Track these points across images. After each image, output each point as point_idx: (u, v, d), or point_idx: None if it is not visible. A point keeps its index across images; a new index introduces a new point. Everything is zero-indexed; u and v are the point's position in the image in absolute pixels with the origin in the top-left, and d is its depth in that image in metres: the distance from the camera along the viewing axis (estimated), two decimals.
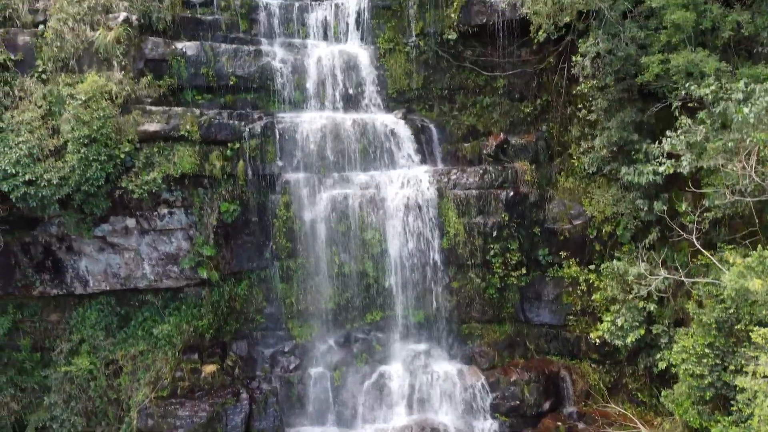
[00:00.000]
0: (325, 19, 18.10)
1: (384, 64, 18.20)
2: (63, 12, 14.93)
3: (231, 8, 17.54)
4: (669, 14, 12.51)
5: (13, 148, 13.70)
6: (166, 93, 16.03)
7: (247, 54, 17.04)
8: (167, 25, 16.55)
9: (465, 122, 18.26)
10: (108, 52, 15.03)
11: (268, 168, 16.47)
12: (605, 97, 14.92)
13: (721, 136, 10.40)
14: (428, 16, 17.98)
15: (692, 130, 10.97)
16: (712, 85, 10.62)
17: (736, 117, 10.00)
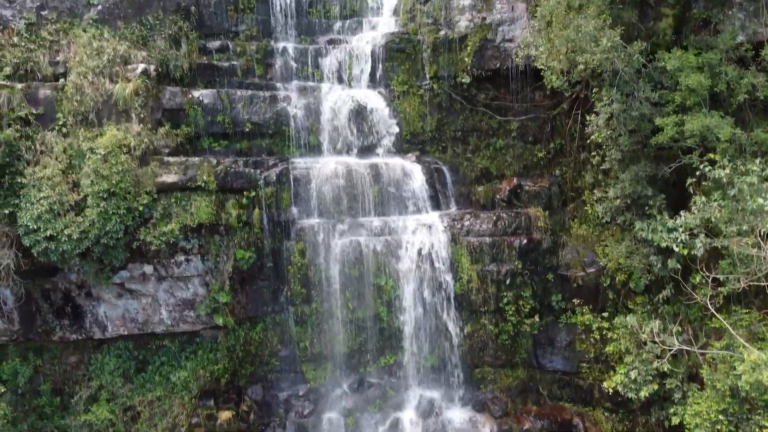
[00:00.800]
0: (340, 63, 18.25)
1: (398, 106, 18.32)
2: (83, 65, 15.20)
3: (247, 53, 17.75)
4: (684, 77, 12.51)
5: (35, 204, 13.99)
6: (183, 141, 16.26)
7: (263, 100, 17.23)
8: (184, 73, 16.80)
9: (478, 164, 18.34)
10: (127, 104, 15.28)
11: (283, 215, 16.65)
12: (619, 147, 14.91)
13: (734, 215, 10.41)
14: (442, 60, 18.07)
15: (706, 209, 10.97)
16: (726, 168, 10.62)
17: (750, 204, 10.01)
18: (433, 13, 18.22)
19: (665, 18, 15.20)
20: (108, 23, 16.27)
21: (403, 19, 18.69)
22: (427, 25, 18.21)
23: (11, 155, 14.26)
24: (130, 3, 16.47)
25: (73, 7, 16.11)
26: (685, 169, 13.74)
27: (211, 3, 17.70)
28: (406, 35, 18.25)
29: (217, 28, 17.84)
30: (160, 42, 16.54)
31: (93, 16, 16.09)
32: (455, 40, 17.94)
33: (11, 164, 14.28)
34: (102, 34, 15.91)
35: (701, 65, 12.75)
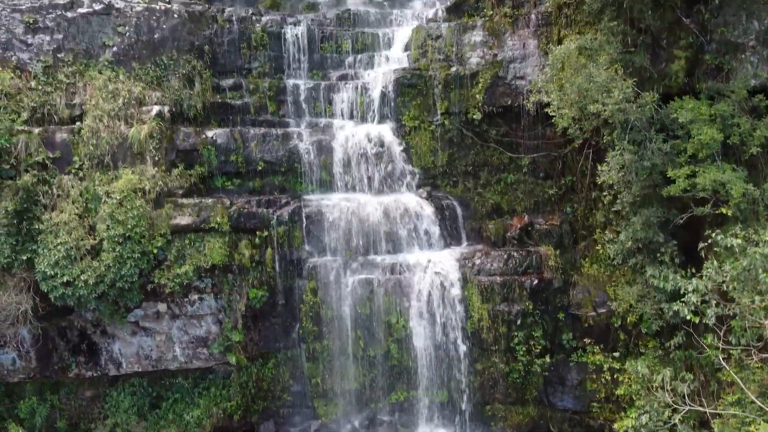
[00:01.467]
0: (351, 99, 18.36)
1: (409, 141, 18.39)
2: (98, 109, 15.43)
3: (259, 91, 17.91)
4: (696, 130, 12.50)
5: (52, 249, 14.23)
6: (196, 181, 16.45)
7: (275, 138, 17.38)
8: (198, 112, 17.00)
9: (489, 200, 18.38)
10: (142, 147, 15.49)
11: (296, 253, 16.81)
12: (630, 191, 14.89)
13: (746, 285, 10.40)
14: (453, 96, 18.13)
15: (718, 275, 10.96)
16: (738, 237, 10.62)
17: (763, 278, 10.01)
18: (445, 50, 18.29)
19: (677, 60, 15.17)
20: (123, 64, 16.49)
21: (414, 54, 18.76)
22: (438, 61, 18.28)
23: (29, 201, 14.51)
24: (145, 44, 16.67)
25: (89, 48, 16.34)
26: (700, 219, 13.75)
27: (224, 41, 17.88)
28: (417, 71, 18.31)
29: (230, 66, 18.00)
30: (174, 82, 16.74)
31: (108, 58, 16.31)
32: (466, 76, 18.00)
33: (29, 210, 14.53)
34: (117, 76, 16.12)
35: (713, 116, 12.72)
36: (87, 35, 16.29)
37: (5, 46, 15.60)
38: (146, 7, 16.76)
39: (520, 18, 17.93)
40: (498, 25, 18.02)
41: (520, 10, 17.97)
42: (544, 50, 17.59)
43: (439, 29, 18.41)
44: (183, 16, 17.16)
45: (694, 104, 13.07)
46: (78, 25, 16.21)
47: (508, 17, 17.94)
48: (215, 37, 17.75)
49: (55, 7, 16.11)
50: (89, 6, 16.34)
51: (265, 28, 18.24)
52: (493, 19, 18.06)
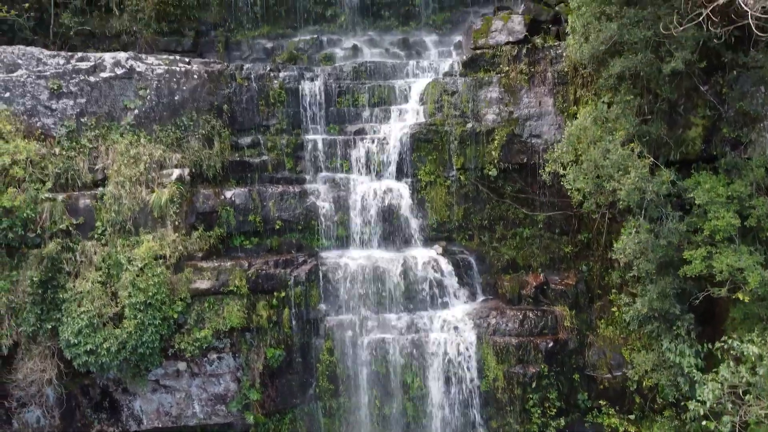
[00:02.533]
0: (368, 154, 18.51)
1: (425, 196, 18.52)
2: (120, 175, 15.74)
3: (277, 148, 18.14)
4: (713, 213, 12.50)
5: (76, 318, 14.56)
6: (215, 242, 16.71)
7: (293, 196, 17.60)
8: (217, 172, 17.25)
9: (505, 255, 18.45)
10: (162, 212, 15.77)
11: (312, 312, 17.01)
12: (647, 258, 14.89)
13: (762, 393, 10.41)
14: (469, 152, 18.23)
15: (734, 378, 10.98)
16: (755, 345, 10.63)
17: None
18: (461, 105, 18.38)
19: (695, 127, 15.19)
20: (144, 126, 16.78)
21: (430, 108, 18.86)
22: (454, 116, 18.38)
23: (53, 270, 14.86)
24: (166, 106, 16.97)
25: (111, 111, 16.65)
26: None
27: (242, 99, 18.13)
28: (433, 126, 18.42)
29: (248, 124, 18.25)
30: (194, 143, 17.02)
31: (130, 121, 16.62)
32: (482, 133, 18.09)
33: (53, 278, 14.88)
34: (139, 140, 16.42)
35: (731, 197, 12.72)
36: (109, 99, 16.60)
37: (30, 112, 15.95)
38: (167, 69, 17.05)
39: (536, 75, 17.99)
40: (514, 82, 18.09)
41: (536, 68, 18.02)
42: (560, 109, 17.66)
43: (455, 85, 18.51)
44: (203, 76, 17.43)
45: (711, 183, 13.05)
46: (100, 89, 16.52)
47: (524, 74, 18.00)
48: (234, 96, 18.02)
49: (79, 72, 16.43)
50: (111, 70, 16.66)
51: (283, 85, 18.47)
52: (509, 76, 18.13)
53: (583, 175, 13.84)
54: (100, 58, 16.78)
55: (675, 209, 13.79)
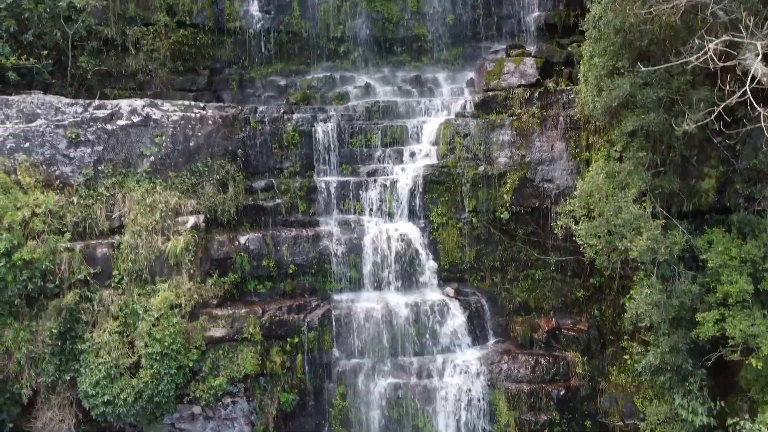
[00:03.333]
0: (380, 196, 18.64)
1: (437, 237, 18.63)
2: (137, 224, 15.98)
3: (291, 191, 18.32)
4: (726, 276, 12.51)
5: (93, 369, 14.82)
6: (230, 288, 16.92)
7: (306, 240, 17.78)
8: (231, 217, 17.46)
9: (517, 297, 18.53)
10: (178, 259, 16.00)
11: (325, 357, 17.17)
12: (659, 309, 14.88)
13: None
14: (481, 195, 18.31)
15: None
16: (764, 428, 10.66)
17: None
18: (473, 148, 18.46)
19: (708, 179, 15.16)
20: (160, 172, 17.03)
21: (442, 149, 18.96)
22: (466, 159, 18.46)
23: (71, 320, 15.14)
24: (181, 152, 17.21)
25: (127, 158, 16.91)
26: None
27: (256, 143, 18.34)
28: (445, 168, 18.52)
29: (262, 167, 18.46)
30: (209, 188, 17.25)
31: (146, 168, 16.86)
32: (494, 176, 18.17)
33: (72, 329, 15.17)
34: (155, 187, 16.66)
35: (744, 259, 12.70)
36: (126, 146, 16.86)
37: (49, 161, 16.24)
38: (182, 116, 17.29)
39: (548, 119, 18.03)
40: (526, 125, 18.14)
41: (548, 111, 18.06)
42: (572, 154, 17.69)
43: (468, 127, 18.58)
44: (217, 121, 17.64)
45: (724, 244, 13.04)
46: (117, 136, 16.79)
47: (536, 118, 18.05)
48: (248, 140, 18.23)
49: (96, 120, 16.70)
50: (128, 118, 16.91)
51: (296, 128, 18.65)
52: (521, 119, 18.18)
53: (594, 232, 13.87)
54: (117, 106, 17.04)
55: (687, 267, 13.79)
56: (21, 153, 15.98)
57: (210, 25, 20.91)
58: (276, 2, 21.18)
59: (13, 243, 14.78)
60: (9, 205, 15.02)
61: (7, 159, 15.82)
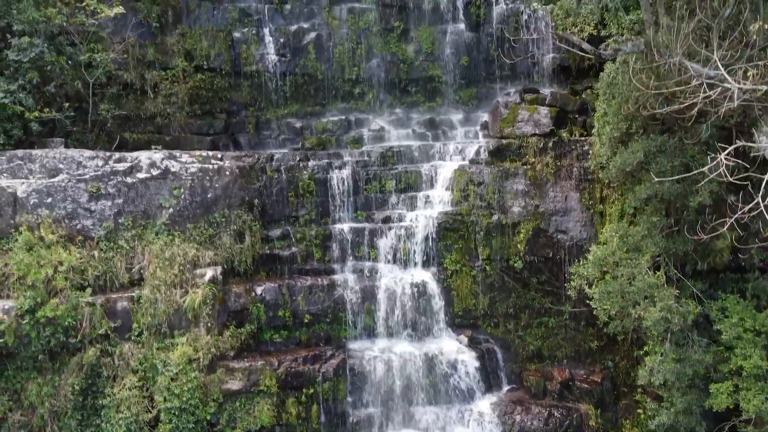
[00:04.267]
0: (394, 243, 18.83)
1: (450, 284, 18.79)
2: (156, 279, 16.29)
3: (306, 239, 18.57)
4: (740, 349, 12.54)
5: (114, 425, 15.16)
6: (246, 338, 17.19)
7: (321, 289, 18.01)
8: (248, 267, 17.73)
9: (530, 344, 18.64)
10: (196, 313, 16.29)
11: (340, 407, 17.38)
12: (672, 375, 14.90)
13: None
14: (494, 243, 18.44)
15: None
16: None
17: None
18: (487, 197, 18.57)
19: (722, 238, 15.12)
20: (178, 224, 17.34)
21: (456, 196, 19.09)
22: (480, 207, 18.58)
23: (93, 375, 15.48)
24: (199, 204, 17.51)
25: (147, 209, 17.23)
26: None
27: (273, 191, 18.61)
28: (459, 216, 18.67)
29: (278, 215, 18.73)
30: (226, 239, 17.52)
31: (165, 221, 17.17)
32: (508, 225, 18.29)
33: (93, 384, 15.50)
34: (173, 240, 16.97)
35: (758, 331, 12.72)
36: (145, 198, 17.19)
37: (71, 215, 16.60)
38: (200, 167, 17.58)
39: (562, 169, 18.12)
40: (540, 175, 18.23)
41: (562, 161, 18.15)
42: (586, 206, 17.76)
43: (481, 174, 18.70)
44: (234, 172, 17.92)
45: (739, 313, 13.06)
46: (137, 189, 17.12)
47: (550, 167, 18.14)
48: (264, 189, 18.50)
49: (116, 173, 17.05)
50: (147, 171, 17.24)
51: (312, 175, 18.90)
52: (535, 168, 18.28)
53: (608, 296, 13.95)
54: (137, 159, 17.38)
55: (701, 332, 13.82)
56: (44, 208, 16.35)
57: (227, 68, 21.22)
58: (292, 46, 21.44)
59: (36, 300, 15.15)
60: (33, 263, 15.39)
61: (30, 215, 16.20)
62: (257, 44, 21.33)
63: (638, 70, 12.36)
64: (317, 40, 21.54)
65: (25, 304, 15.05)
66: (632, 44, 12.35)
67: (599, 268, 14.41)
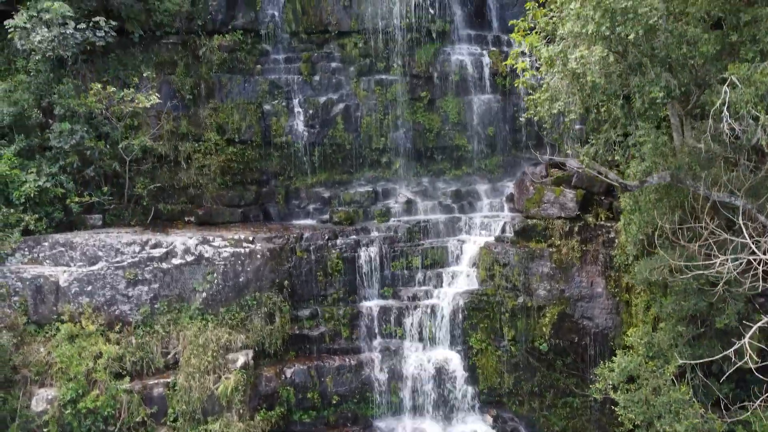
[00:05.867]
0: (421, 322, 19.17)
1: (476, 362, 19.08)
2: (190, 366, 16.88)
3: (334, 318, 19.02)
4: None
5: None
6: (276, 420, 17.70)
7: (349, 370, 18.45)
8: (278, 348, 18.24)
9: (555, 425, 18.84)
10: (228, 399, 16.83)
11: None
12: None
13: None
14: (520, 325, 18.67)
15: None
16: None
17: None
18: (512, 278, 18.79)
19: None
20: (211, 307, 17.90)
21: (482, 274, 19.36)
22: (505, 288, 18.83)
23: None
24: (231, 288, 18.05)
25: (181, 293, 17.83)
26: None
27: (302, 272, 19.07)
28: (485, 296, 18.95)
29: (307, 295, 19.20)
30: (257, 322, 18.04)
31: (198, 305, 17.75)
32: (533, 308, 18.51)
33: None
34: (206, 324, 17.54)
35: None
36: (180, 283, 17.79)
37: (110, 302, 17.28)
38: (232, 252, 18.13)
39: (588, 254, 18.24)
40: (566, 258, 18.38)
41: (587, 246, 18.27)
42: (612, 293, 17.87)
43: (507, 255, 18.93)
44: (265, 255, 18.43)
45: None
46: (172, 274, 17.72)
47: (576, 251, 18.28)
48: (294, 270, 18.98)
49: (152, 259, 17.67)
50: (182, 257, 17.85)
51: (340, 255, 19.32)
52: (561, 251, 18.44)
53: (633, 405, 14.10)
54: (172, 244, 17.99)
55: None
56: (84, 296, 17.05)
57: (257, 140, 21.70)
58: (320, 117, 21.86)
59: (78, 392, 15.84)
60: (74, 354, 16.09)
61: (71, 304, 16.91)
62: (287, 116, 21.78)
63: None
64: (345, 111, 21.93)
65: (67, 395, 15.75)
66: (658, 176, 12.47)
67: (624, 375, 14.55)
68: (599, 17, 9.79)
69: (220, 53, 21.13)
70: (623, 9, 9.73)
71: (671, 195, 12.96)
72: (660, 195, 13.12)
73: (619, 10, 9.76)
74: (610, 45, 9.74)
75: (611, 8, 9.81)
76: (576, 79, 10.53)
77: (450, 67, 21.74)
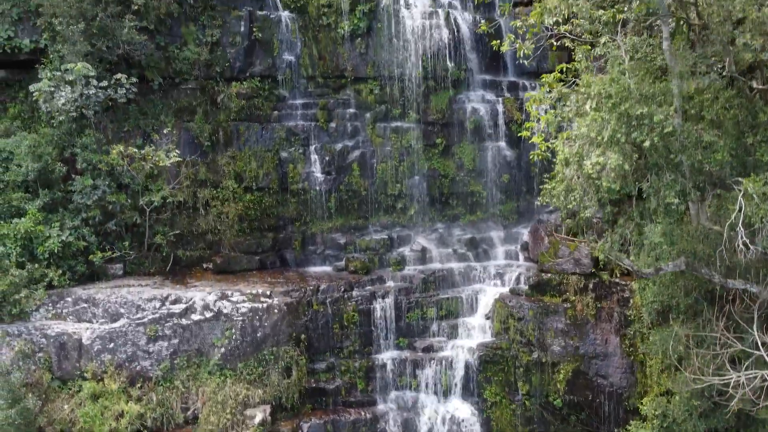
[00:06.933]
0: (435, 374, 19.37)
1: (490, 415, 19.26)
2: (209, 423, 17.22)
3: (350, 371, 19.27)
4: None
5: None
6: None
7: (364, 424, 18.72)
8: (294, 402, 18.53)
9: None
10: None
11: None
12: None
13: None
14: (534, 380, 18.81)
15: None
16: None
17: None
18: (527, 333, 18.92)
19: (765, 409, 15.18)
20: (230, 362, 18.20)
21: (496, 327, 19.50)
22: (520, 342, 18.96)
23: None
24: (249, 343, 18.34)
25: (200, 347, 18.16)
26: None
27: (318, 325, 19.33)
28: (499, 350, 19.10)
29: (323, 347, 19.44)
30: (274, 376, 18.32)
31: (217, 361, 18.06)
32: (548, 363, 18.61)
33: None
34: (225, 380, 17.85)
35: None
36: (199, 338, 18.12)
37: (131, 358, 17.64)
38: (250, 307, 18.41)
39: (602, 311, 18.32)
40: (580, 314, 18.48)
41: (603, 303, 18.35)
42: (626, 352, 17.93)
43: (522, 310, 19.05)
44: (282, 309, 18.70)
45: None
46: (191, 330, 18.05)
47: (590, 308, 18.36)
48: (310, 323, 19.23)
49: (172, 315, 18.01)
50: (201, 313, 18.17)
51: (356, 307, 19.55)
52: (576, 307, 18.53)
53: None
54: (191, 300, 18.31)
55: None
56: (106, 353, 17.43)
57: (274, 187, 21.96)
58: (336, 164, 22.09)
59: None
60: (98, 414, 16.49)
61: (94, 362, 17.29)
62: (303, 163, 22.02)
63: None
64: (361, 158, 22.15)
65: None
66: (673, 264, 12.55)
67: None
68: (614, 122, 9.91)
69: (238, 101, 21.41)
70: (639, 116, 9.84)
71: (687, 277, 13.03)
72: (675, 275, 13.19)
73: (635, 116, 9.88)
74: (625, 150, 9.86)
75: (626, 113, 9.93)
76: (591, 181, 10.66)
77: (465, 114, 21.89)
